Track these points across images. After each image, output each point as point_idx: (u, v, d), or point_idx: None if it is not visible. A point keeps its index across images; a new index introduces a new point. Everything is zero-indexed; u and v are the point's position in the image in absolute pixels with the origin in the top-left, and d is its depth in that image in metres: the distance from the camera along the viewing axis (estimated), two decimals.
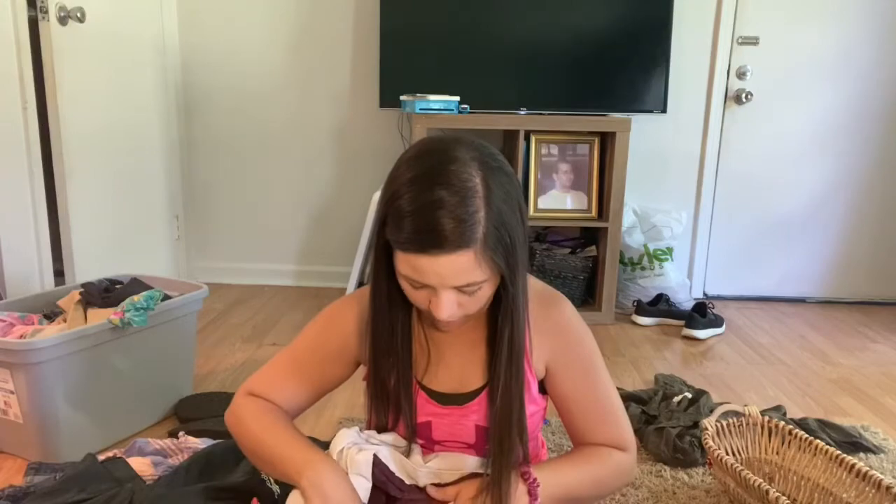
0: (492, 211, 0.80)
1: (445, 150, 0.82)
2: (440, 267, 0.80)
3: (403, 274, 0.84)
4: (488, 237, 0.80)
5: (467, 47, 2.71)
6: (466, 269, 0.80)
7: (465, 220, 0.78)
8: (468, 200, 0.78)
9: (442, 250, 0.78)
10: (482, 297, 0.86)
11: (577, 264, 2.71)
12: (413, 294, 0.86)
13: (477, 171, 0.80)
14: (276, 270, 3.11)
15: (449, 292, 0.83)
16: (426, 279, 0.81)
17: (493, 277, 0.85)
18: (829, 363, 2.34)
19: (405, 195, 0.80)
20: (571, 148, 2.69)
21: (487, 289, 0.85)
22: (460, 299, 0.84)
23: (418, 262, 0.80)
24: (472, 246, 0.79)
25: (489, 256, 0.81)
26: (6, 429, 1.52)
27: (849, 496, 1.32)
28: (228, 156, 3.01)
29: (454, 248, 0.78)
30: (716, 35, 2.87)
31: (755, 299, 3.06)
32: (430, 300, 0.85)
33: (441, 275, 0.80)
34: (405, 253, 0.81)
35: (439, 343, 0.98)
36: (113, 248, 2.44)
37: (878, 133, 2.93)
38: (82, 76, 2.22)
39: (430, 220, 0.78)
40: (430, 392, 0.97)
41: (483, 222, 0.79)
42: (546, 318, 0.97)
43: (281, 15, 2.88)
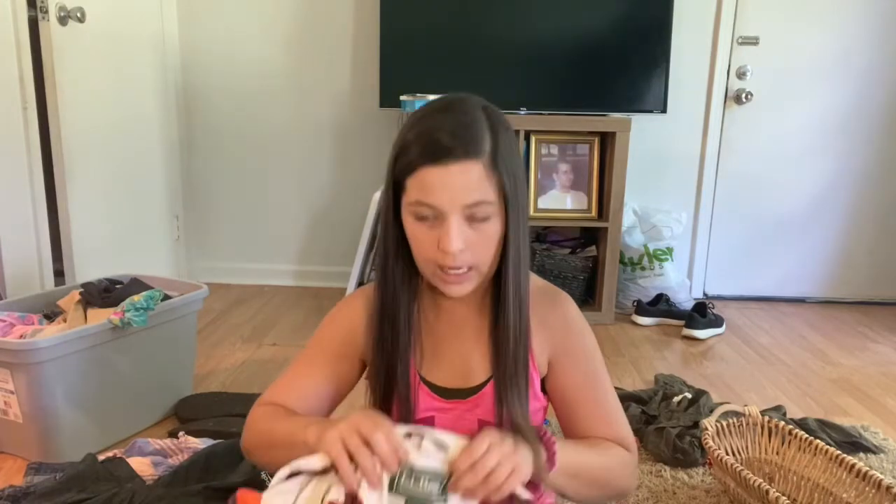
0: (497, 138, 0.84)
1: (451, 97, 0.89)
2: (449, 177, 0.81)
3: (412, 205, 0.84)
4: (495, 156, 0.83)
5: (467, 47, 2.70)
6: (475, 182, 0.82)
7: (471, 133, 0.83)
8: (474, 122, 0.84)
9: (450, 157, 0.81)
10: (489, 236, 0.85)
11: (577, 264, 2.71)
12: (421, 237, 0.86)
13: (482, 112, 0.86)
14: (276, 270, 3.11)
15: (457, 217, 0.83)
16: (435, 197, 0.82)
17: (500, 211, 0.85)
18: (829, 363, 2.34)
19: (411, 129, 0.85)
20: (571, 148, 2.69)
21: (494, 225, 0.85)
22: (468, 233, 0.84)
23: (427, 178, 0.82)
24: (480, 158, 0.82)
25: (497, 178, 0.83)
26: (6, 429, 1.52)
27: (849, 496, 1.32)
28: (228, 156, 3.01)
29: (462, 157, 0.81)
30: (716, 35, 2.87)
31: (755, 299, 3.06)
32: (439, 239, 0.84)
33: (450, 188, 0.81)
34: (414, 174, 0.83)
35: (442, 335, 0.98)
36: (113, 248, 2.44)
37: (878, 133, 2.93)
38: (82, 76, 2.22)
39: (437, 133, 0.83)
40: (432, 386, 0.97)
41: (489, 141, 0.84)
42: (549, 314, 0.97)
43: (281, 15, 2.88)
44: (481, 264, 0.87)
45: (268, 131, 2.98)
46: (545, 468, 0.82)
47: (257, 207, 3.06)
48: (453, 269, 0.86)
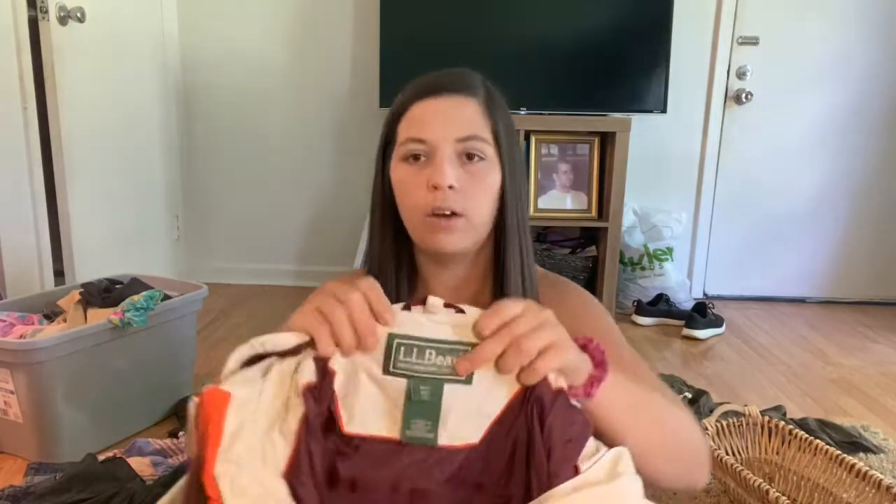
0: (491, 94, 0.85)
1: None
2: (443, 108, 0.81)
3: (403, 146, 0.82)
4: (491, 102, 0.84)
5: (467, 47, 2.70)
6: (469, 116, 0.81)
7: (466, 77, 0.85)
8: (469, 73, 0.86)
9: (444, 90, 0.82)
10: (484, 181, 0.81)
11: (577, 264, 2.71)
12: (410, 181, 0.81)
13: (479, 77, 0.88)
14: (276, 270, 3.11)
15: (449, 150, 0.80)
16: (426, 131, 0.80)
17: (495, 161, 0.83)
18: (829, 363, 2.34)
19: (408, 85, 0.86)
20: (571, 148, 2.69)
21: (489, 172, 0.82)
22: (461, 175, 0.80)
23: (420, 112, 0.81)
24: (475, 96, 0.83)
25: (492, 121, 0.82)
26: (6, 429, 1.52)
27: (849, 496, 1.32)
28: (228, 155, 3.01)
29: (456, 91, 0.82)
30: (716, 35, 2.87)
31: (755, 299, 3.06)
32: (430, 176, 0.80)
33: (443, 117, 0.80)
34: (405, 114, 0.82)
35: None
36: (113, 248, 2.44)
37: (878, 133, 2.93)
38: (82, 76, 2.22)
39: (431, 77, 0.84)
40: None
41: (484, 90, 0.85)
42: (556, 298, 0.89)
43: (281, 15, 2.88)
44: (473, 212, 0.81)
45: (268, 131, 2.98)
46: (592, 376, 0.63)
47: (257, 207, 3.06)
48: (444, 211, 0.79)
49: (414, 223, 0.83)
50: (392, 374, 0.59)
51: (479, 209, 0.82)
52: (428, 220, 0.81)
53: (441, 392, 0.58)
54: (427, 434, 0.58)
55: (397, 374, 0.59)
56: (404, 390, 0.58)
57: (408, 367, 0.59)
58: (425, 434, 0.58)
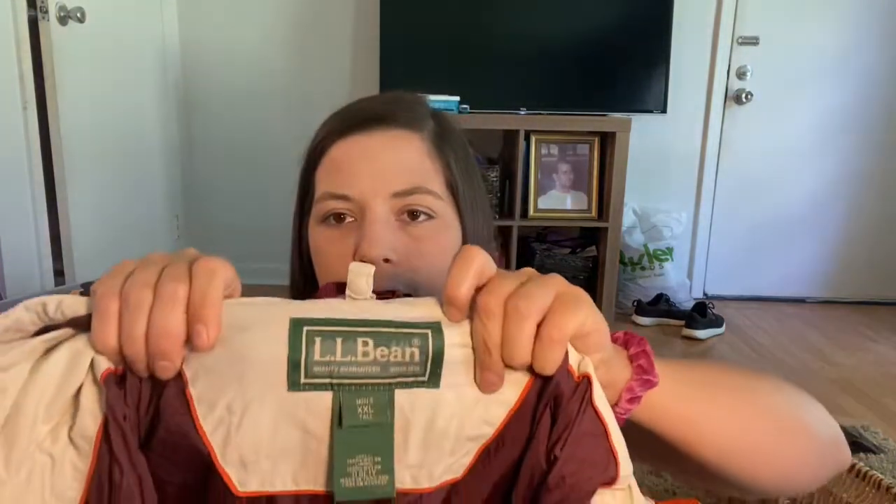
0: (443, 122, 0.63)
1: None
2: (372, 149, 0.57)
3: (319, 203, 0.59)
4: (443, 134, 0.61)
5: (467, 47, 2.70)
6: (411, 159, 0.58)
7: (407, 104, 0.63)
8: (411, 98, 0.65)
9: (377, 124, 0.59)
10: (433, 247, 0.58)
11: (577, 264, 2.71)
12: (330, 250, 0.59)
13: (422, 98, 0.67)
14: (276, 270, 3.09)
15: (382, 207, 0.56)
16: (352, 181, 0.57)
17: (450, 217, 0.60)
18: (829, 363, 2.33)
19: (325, 121, 0.64)
20: (571, 148, 2.69)
21: (442, 234, 0.58)
22: (400, 240, 0.56)
23: (340, 155, 0.59)
24: (418, 130, 0.60)
25: (445, 164, 0.59)
26: None
27: (849, 496, 1.32)
28: (228, 156, 3.01)
29: (395, 124, 0.59)
30: (716, 35, 2.87)
31: (755, 299, 3.06)
32: (357, 246, 0.56)
33: (372, 162, 0.57)
34: (322, 160, 0.60)
35: None
36: (113, 248, 2.44)
37: (878, 133, 2.93)
38: (82, 76, 2.21)
39: (363, 103, 0.63)
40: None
41: (431, 119, 0.62)
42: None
43: (281, 15, 2.88)
44: (423, 288, 0.55)
45: (268, 131, 2.98)
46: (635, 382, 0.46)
47: (257, 207, 3.06)
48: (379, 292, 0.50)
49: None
50: (304, 386, 0.35)
51: (431, 282, 0.56)
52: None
53: (392, 405, 0.37)
54: (376, 480, 0.36)
55: (314, 384, 0.36)
56: (329, 411, 0.36)
57: (330, 372, 0.36)
58: (373, 480, 0.36)
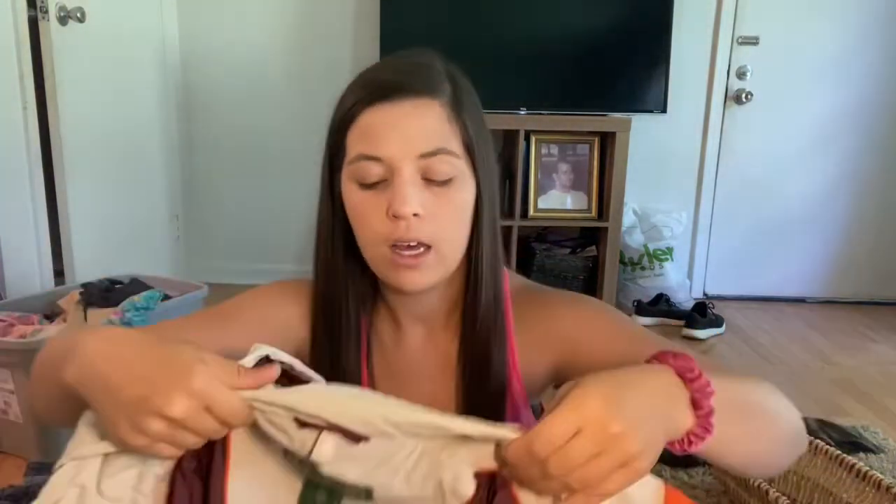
0: (457, 86, 0.69)
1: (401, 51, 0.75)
2: (400, 116, 0.65)
3: (353, 164, 0.68)
4: (460, 99, 0.68)
5: (467, 47, 2.70)
6: (432, 124, 0.65)
7: (426, 70, 0.68)
8: (429, 63, 0.70)
9: (399, 94, 0.65)
10: (455, 204, 0.67)
11: (577, 264, 2.71)
12: (366, 208, 0.67)
13: (438, 59, 0.73)
14: (276, 270, 3.10)
15: (410, 168, 0.65)
16: (381, 146, 0.65)
17: (468, 175, 0.68)
18: (829, 363, 2.34)
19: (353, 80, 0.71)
20: (571, 148, 2.69)
21: (461, 191, 0.67)
22: (426, 198, 0.66)
23: (370, 122, 0.66)
24: (438, 97, 0.66)
25: (461, 126, 0.67)
26: (6, 429, 1.52)
27: (849, 496, 1.32)
28: (228, 156, 3.01)
29: (414, 92, 0.66)
30: (716, 35, 2.86)
31: (755, 299, 3.06)
32: (389, 202, 0.65)
33: (401, 129, 0.64)
34: (354, 124, 0.67)
35: (401, 367, 0.79)
36: (113, 248, 2.44)
37: (878, 133, 2.93)
38: (82, 76, 2.21)
39: (382, 72, 0.69)
40: None
41: (449, 84, 0.69)
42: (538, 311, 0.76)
43: (281, 15, 2.88)
44: (443, 243, 0.67)
45: (268, 131, 2.98)
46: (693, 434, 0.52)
47: (257, 207, 3.06)
48: (409, 242, 0.66)
49: (373, 256, 0.70)
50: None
51: (451, 237, 0.68)
52: (390, 255, 0.67)
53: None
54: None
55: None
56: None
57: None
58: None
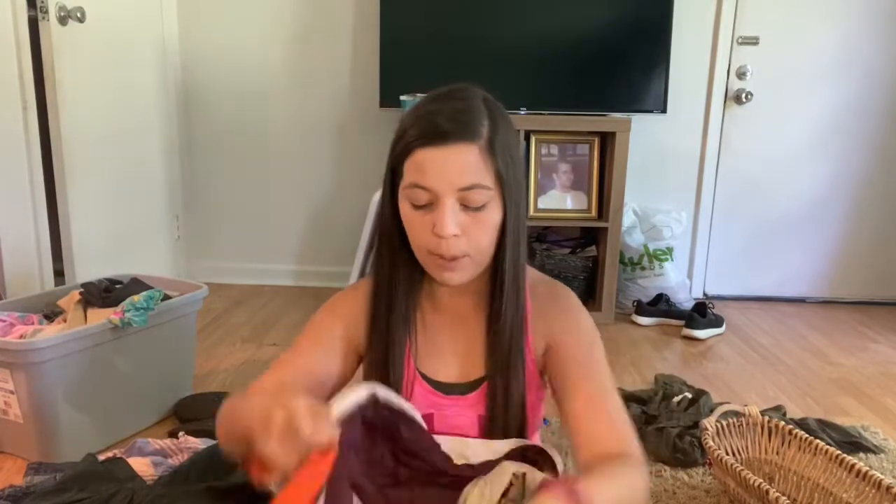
0: (495, 125, 0.85)
1: (452, 86, 0.89)
2: (444, 158, 0.82)
3: (408, 188, 0.85)
4: (492, 142, 0.84)
5: (467, 47, 2.70)
6: (470, 165, 0.82)
7: (469, 118, 0.84)
8: (472, 108, 0.85)
9: (446, 141, 0.82)
10: (486, 224, 0.85)
11: (577, 264, 2.71)
12: (416, 223, 0.86)
13: (481, 101, 0.87)
14: (276, 270, 3.11)
15: (451, 199, 0.83)
16: (429, 180, 0.82)
17: (497, 198, 0.85)
18: (829, 363, 2.34)
19: (411, 114, 0.87)
20: (571, 148, 2.69)
21: (491, 212, 0.85)
22: (463, 219, 0.84)
23: (423, 159, 0.82)
24: (476, 141, 0.83)
25: (494, 163, 0.83)
26: (6, 429, 1.52)
27: (849, 496, 1.32)
28: (228, 155, 3.01)
29: (458, 139, 0.82)
30: (716, 35, 2.87)
31: (755, 299, 3.06)
32: (434, 223, 0.84)
33: (444, 169, 0.82)
34: (410, 156, 0.84)
35: (440, 330, 0.97)
36: (113, 248, 2.44)
37: (877, 133, 2.93)
38: (82, 76, 2.22)
39: (435, 117, 0.84)
40: (430, 381, 0.96)
41: (487, 127, 0.84)
42: (547, 305, 0.96)
43: (281, 15, 2.88)
44: (476, 252, 0.87)
45: (268, 131, 2.98)
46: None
47: (257, 207, 3.06)
48: (447, 256, 0.85)
49: (420, 257, 0.89)
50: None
51: (483, 248, 0.87)
52: (432, 259, 0.87)
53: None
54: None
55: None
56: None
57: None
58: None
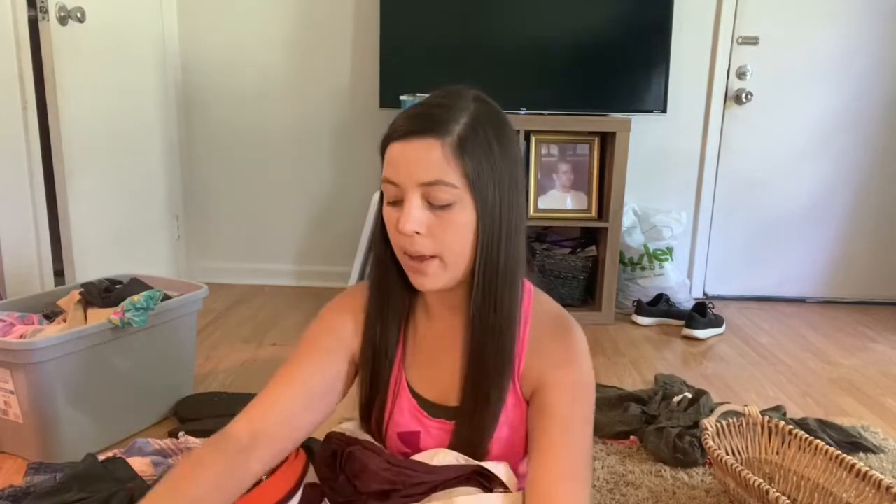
0: (475, 127, 0.82)
1: (450, 87, 0.87)
2: (410, 152, 0.80)
3: (383, 184, 0.84)
4: (465, 142, 0.80)
5: (467, 47, 2.70)
6: (434, 161, 0.79)
7: (443, 114, 0.81)
8: (452, 106, 0.83)
9: (412, 135, 0.80)
10: (454, 224, 0.81)
11: (577, 264, 2.71)
12: (390, 221, 0.84)
13: (471, 101, 0.84)
14: (276, 270, 3.11)
15: (415, 196, 0.80)
16: (395, 174, 0.81)
17: (468, 201, 0.81)
18: (829, 363, 2.34)
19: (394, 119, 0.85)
20: (571, 148, 2.69)
21: (461, 214, 0.81)
22: (428, 218, 0.81)
23: (393, 154, 0.82)
24: (443, 137, 0.80)
25: (461, 163, 0.80)
26: (6, 429, 1.52)
27: (849, 496, 1.32)
28: (228, 155, 3.01)
29: (423, 134, 0.80)
30: (716, 35, 2.87)
31: (755, 299, 3.06)
32: (398, 220, 0.82)
33: (408, 162, 0.80)
34: (386, 151, 0.83)
35: (433, 345, 0.94)
36: (113, 248, 2.44)
37: (877, 133, 2.93)
38: (82, 76, 2.22)
39: (416, 111, 0.83)
40: (419, 398, 0.93)
41: (463, 125, 0.81)
42: (551, 340, 0.89)
43: (281, 15, 2.88)
44: (448, 256, 0.83)
45: (268, 131, 2.98)
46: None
47: (257, 207, 3.06)
48: (414, 254, 0.82)
49: (399, 259, 0.87)
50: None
51: (454, 250, 0.83)
52: (405, 260, 0.84)
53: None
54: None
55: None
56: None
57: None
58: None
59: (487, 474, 0.87)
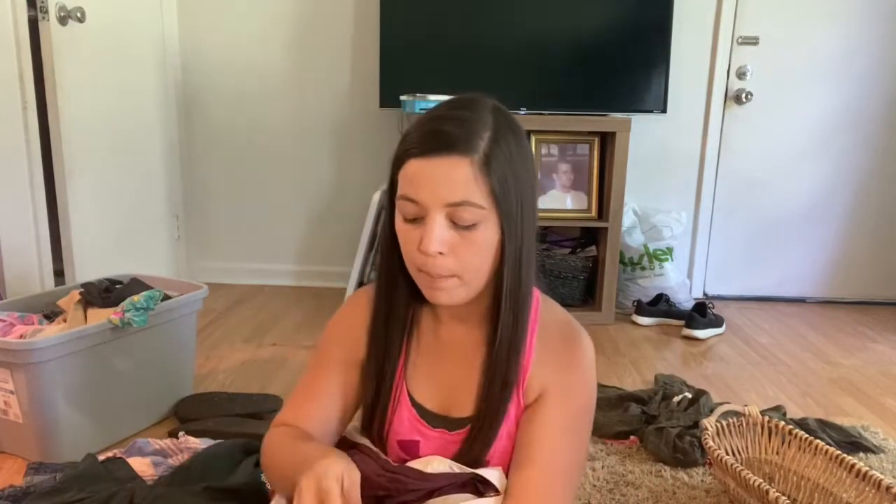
0: (498, 142, 0.78)
1: (466, 95, 0.84)
2: (434, 170, 0.76)
3: (400, 200, 0.80)
4: (491, 158, 0.77)
5: (467, 47, 2.70)
6: (461, 180, 0.76)
7: (467, 130, 0.77)
8: (474, 120, 0.79)
9: (437, 152, 0.76)
10: (478, 244, 0.79)
11: (577, 264, 2.71)
12: (406, 237, 0.80)
13: (490, 113, 0.81)
14: (276, 270, 3.11)
15: (439, 216, 0.77)
16: (418, 193, 0.77)
17: (493, 219, 0.79)
18: (829, 363, 2.34)
19: (415, 122, 0.82)
20: (571, 148, 2.69)
21: (485, 232, 0.79)
22: (452, 237, 0.78)
23: (414, 171, 0.77)
24: (471, 155, 0.76)
25: (488, 181, 0.77)
26: (6, 429, 1.52)
27: (849, 496, 1.32)
28: (228, 155, 3.01)
29: (450, 151, 0.76)
30: (716, 35, 2.87)
31: (755, 299, 3.06)
32: (420, 239, 0.78)
33: (434, 181, 0.76)
34: (403, 167, 0.79)
35: (437, 354, 0.92)
36: (113, 248, 2.44)
37: (877, 133, 2.93)
38: (82, 76, 2.22)
39: (435, 126, 0.78)
40: (419, 408, 0.92)
41: (487, 141, 0.78)
42: (558, 350, 0.88)
43: (281, 15, 2.88)
44: (467, 273, 0.80)
45: (268, 131, 2.98)
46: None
47: (257, 207, 3.06)
48: (433, 274, 0.79)
49: (412, 273, 0.84)
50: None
51: (474, 269, 0.81)
52: (421, 276, 0.82)
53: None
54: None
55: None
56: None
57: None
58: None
59: (482, 480, 0.87)
